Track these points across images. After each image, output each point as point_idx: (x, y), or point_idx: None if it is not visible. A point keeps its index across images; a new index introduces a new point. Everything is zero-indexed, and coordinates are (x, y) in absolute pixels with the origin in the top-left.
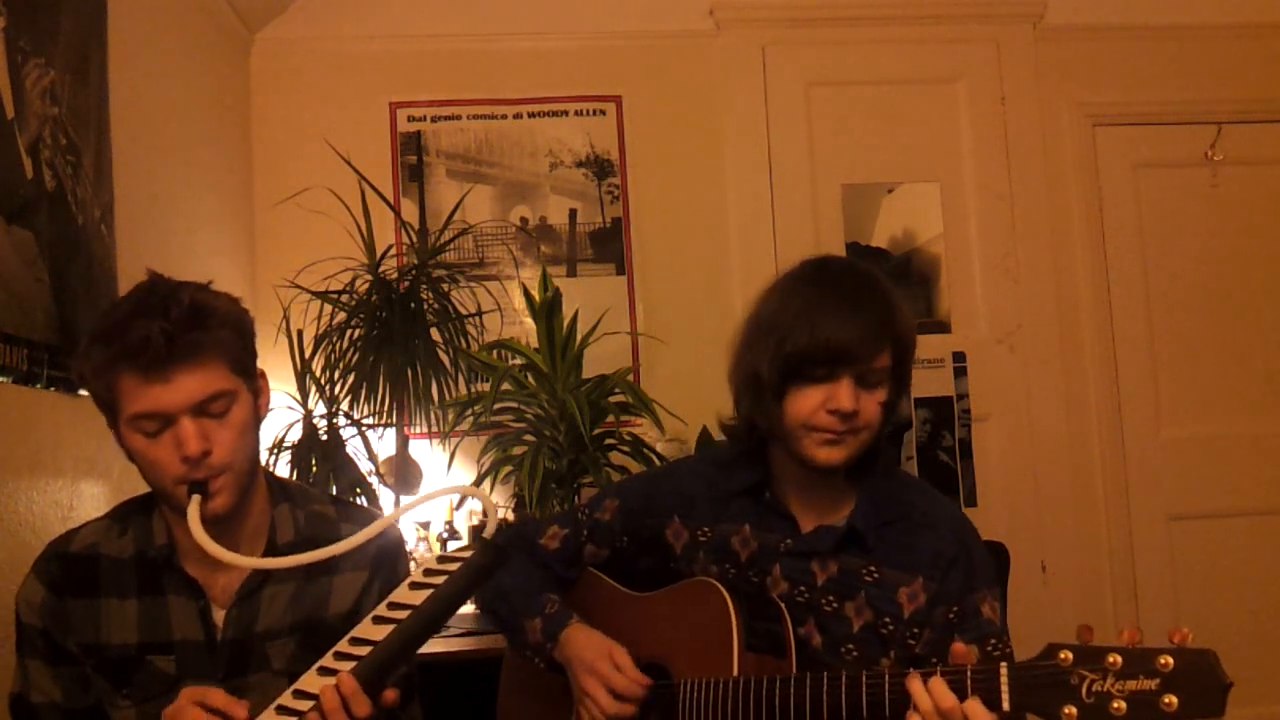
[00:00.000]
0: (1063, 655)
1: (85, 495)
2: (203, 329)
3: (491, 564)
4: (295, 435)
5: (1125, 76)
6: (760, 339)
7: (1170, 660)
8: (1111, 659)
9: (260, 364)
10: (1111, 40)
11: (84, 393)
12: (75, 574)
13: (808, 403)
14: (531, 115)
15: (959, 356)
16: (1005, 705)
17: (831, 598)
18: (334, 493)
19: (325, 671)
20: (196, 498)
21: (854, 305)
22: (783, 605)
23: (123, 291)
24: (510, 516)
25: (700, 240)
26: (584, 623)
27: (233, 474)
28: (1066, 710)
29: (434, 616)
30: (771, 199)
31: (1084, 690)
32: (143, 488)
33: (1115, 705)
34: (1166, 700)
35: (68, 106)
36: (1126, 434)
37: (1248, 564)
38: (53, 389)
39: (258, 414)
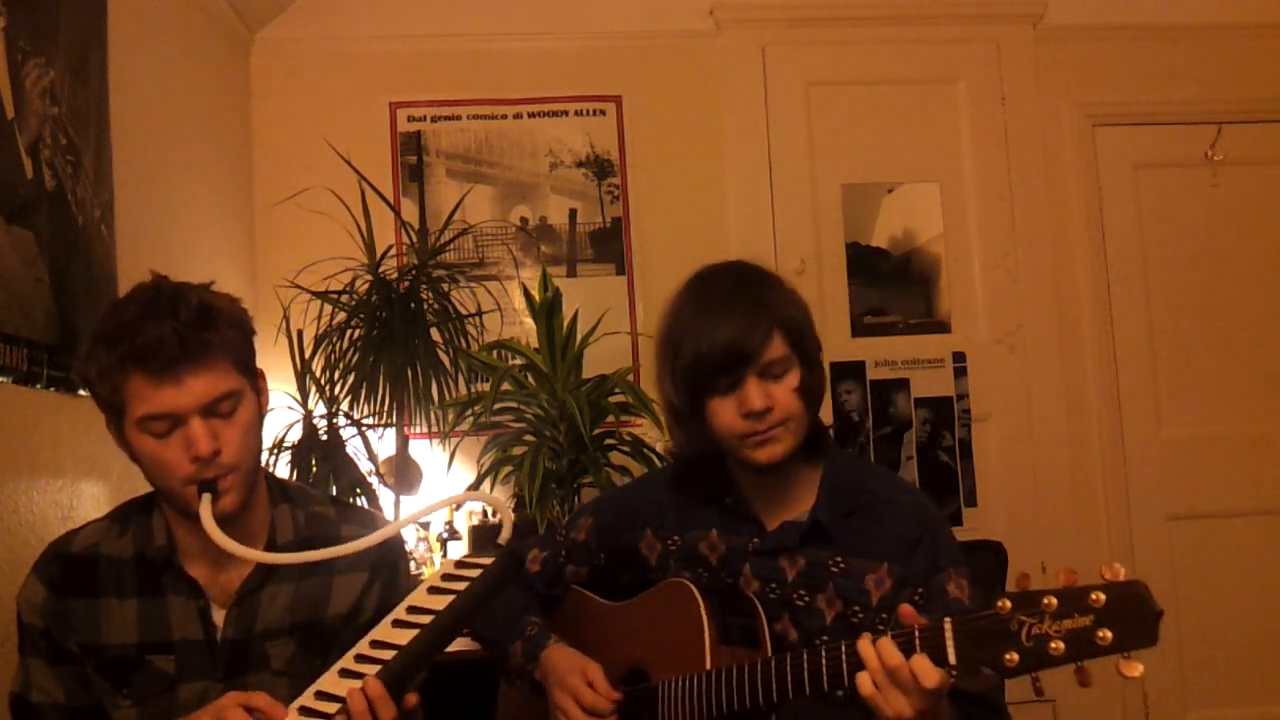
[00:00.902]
0: (1001, 604)
1: (85, 495)
2: (212, 329)
3: (511, 570)
4: (295, 435)
5: (1125, 76)
6: (662, 367)
7: (1102, 596)
8: (1046, 601)
9: (260, 364)
10: (1111, 40)
11: (84, 393)
12: (75, 574)
13: (725, 414)
14: (531, 115)
15: (959, 356)
16: (951, 659)
17: (802, 592)
18: (334, 493)
19: (347, 674)
20: (207, 496)
21: (724, 307)
22: (756, 600)
23: (123, 291)
24: (510, 516)
25: (700, 240)
26: (562, 642)
27: (240, 473)
28: (1009, 657)
29: (456, 622)
30: (771, 199)
31: (1024, 635)
32: (142, 488)
33: (1053, 646)
34: (1101, 634)
35: (68, 106)
36: (1126, 434)
37: (1248, 564)
38: (53, 389)
39: (260, 413)
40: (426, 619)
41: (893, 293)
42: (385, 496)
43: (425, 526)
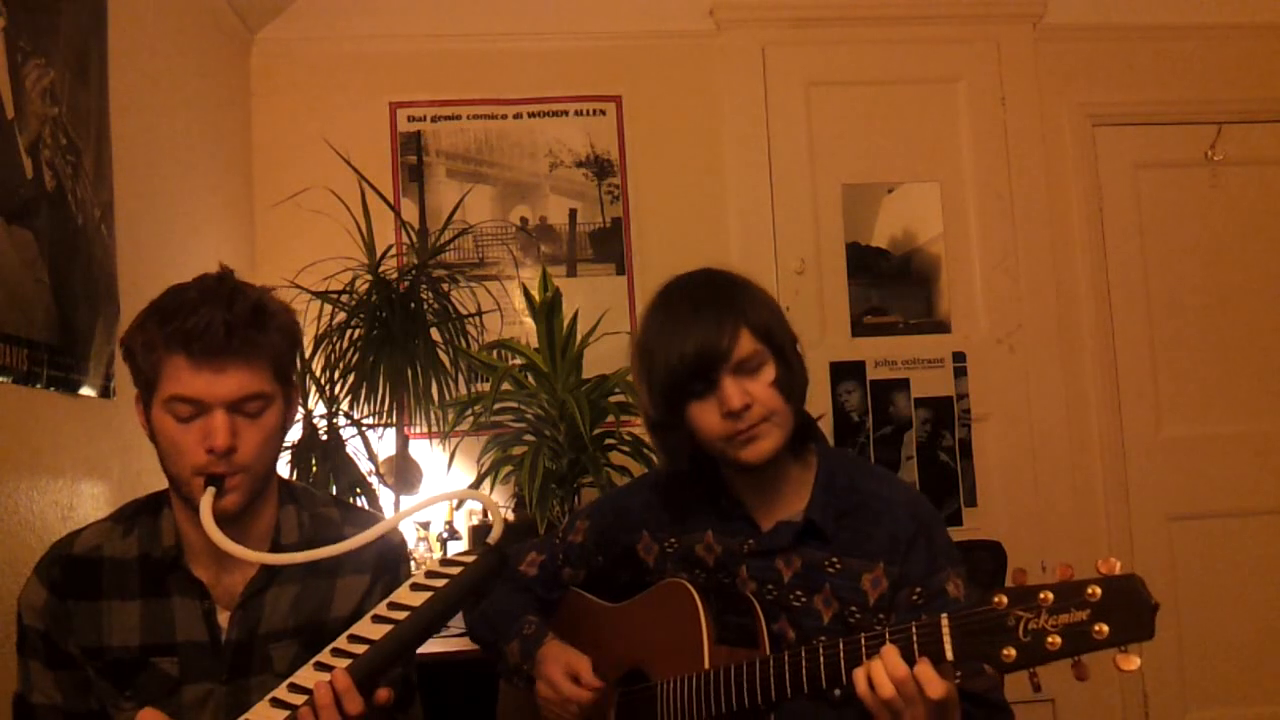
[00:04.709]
0: (998, 599)
1: (85, 495)
2: (260, 329)
3: (494, 569)
4: (295, 435)
5: (1125, 76)
6: (638, 379)
7: (1098, 590)
8: (1043, 596)
9: None
10: (1111, 40)
11: (84, 392)
12: (77, 576)
13: (706, 418)
14: (531, 115)
15: (959, 356)
16: (949, 655)
17: (799, 592)
18: (334, 493)
19: (321, 667)
20: (211, 490)
21: (691, 313)
22: (754, 599)
23: (123, 292)
24: (510, 516)
25: (700, 240)
26: (558, 640)
27: (249, 475)
28: (1006, 652)
29: (433, 619)
30: (771, 199)
31: (1021, 630)
32: (143, 489)
33: (1050, 640)
34: (1098, 629)
35: (68, 106)
36: (1126, 434)
37: (1248, 564)
38: (53, 389)
39: (286, 422)
40: (404, 615)
41: (893, 293)
42: (385, 496)
43: (425, 526)
